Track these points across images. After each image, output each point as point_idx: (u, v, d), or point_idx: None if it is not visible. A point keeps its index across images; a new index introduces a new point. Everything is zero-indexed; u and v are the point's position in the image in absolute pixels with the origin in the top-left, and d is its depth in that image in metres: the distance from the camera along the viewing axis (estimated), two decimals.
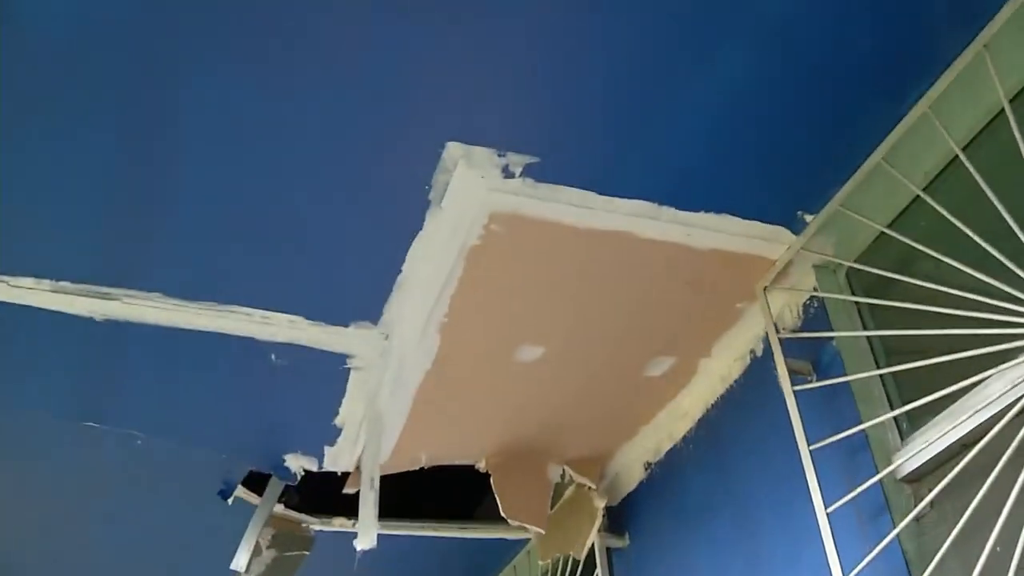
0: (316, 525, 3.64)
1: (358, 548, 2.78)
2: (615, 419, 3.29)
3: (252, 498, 3.37)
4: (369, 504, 2.81)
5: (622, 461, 3.53)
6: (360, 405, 2.96)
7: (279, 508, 3.49)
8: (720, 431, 3.04)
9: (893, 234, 2.38)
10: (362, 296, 2.62)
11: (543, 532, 3.38)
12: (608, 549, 3.48)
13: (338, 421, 3.03)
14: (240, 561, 3.21)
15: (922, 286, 2.28)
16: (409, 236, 2.45)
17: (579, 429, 3.33)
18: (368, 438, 2.93)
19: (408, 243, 2.46)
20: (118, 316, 2.60)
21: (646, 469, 3.43)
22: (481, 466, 3.38)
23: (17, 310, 2.54)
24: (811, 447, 2.42)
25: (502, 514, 3.30)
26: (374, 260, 2.51)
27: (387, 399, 2.93)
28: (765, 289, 2.73)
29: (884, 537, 2.21)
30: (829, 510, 2.33)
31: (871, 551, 2.21)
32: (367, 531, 2.78)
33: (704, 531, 3.03)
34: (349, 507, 3.66)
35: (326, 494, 3.69)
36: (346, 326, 2.70)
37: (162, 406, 2.94)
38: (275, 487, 3.27)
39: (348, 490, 3.24)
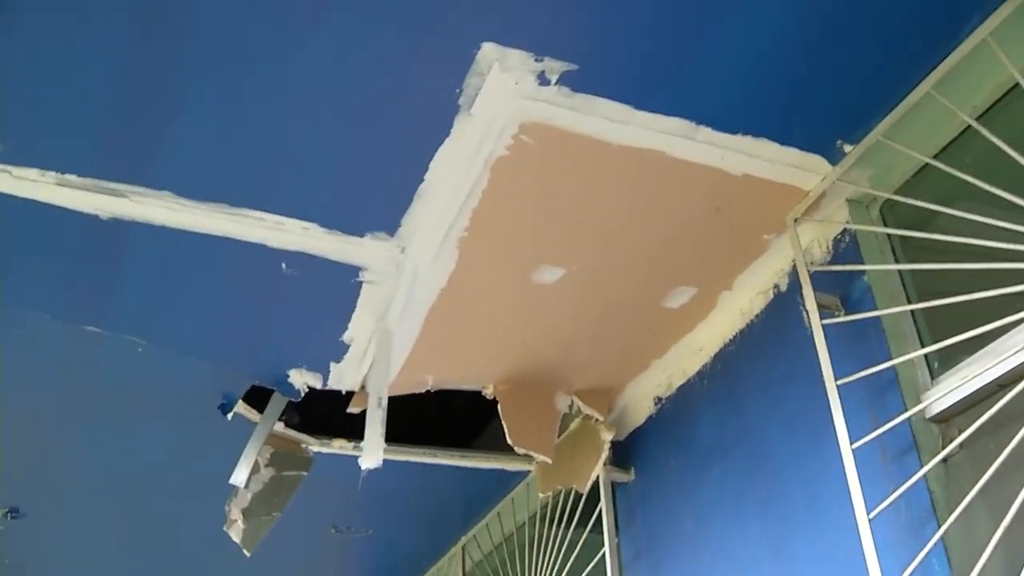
0: (315, 446, 3.57)
1: (363, 467, 2.71)
2: (628, 350, 3.22)
3: (252, 415, 3.29)
4: (376, 422, 2.73)
5: (631, 395, 3.46)
6: (370, 321, 2.87)
7: (279, 427, 3.42)
8: (736, 367, 2.97)
9: (939, 165, 2.30)
10: (381, 205, 2.52)
11: (549, 461, 3.32)
12: (613, 483, 3.43)
13: (346, 337, 2.94)
14: (239, 476, 3.14)
15: (963, 218, 2.20)
16: (435, 143, 2.34)
17: (590, 359, 3.26)
18: (376, 356, 2.84)
19: (433, 150, 2.35)
20: (124, 215, 2.48)
21: (656, 404, 3.36)
22: (488, 392, 3.31)
23: (19, 203, 2.42)
24: (838, 382, 2.35)
25: (508, 441, 3.24)
26: (396, 167, 2.41)
27: (398, 316, 2.84)
28: (796, 221, 2.64)
29: (909, 477, 2.15)
30: (854, 446, 2.26)
31: (895, 491, 2.15)
32: (373, 450, 2.70)
33: (715, 468, 2.97)
34: (349, 430, 3.61)
35: (326, 417, 3.63)
36: (361, 236, 2.60)
37: (165, 313, 2.83)
38: (277, 403, 3.19)
39: (353, 409, 3.16)
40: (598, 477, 3.40)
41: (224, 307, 2.84)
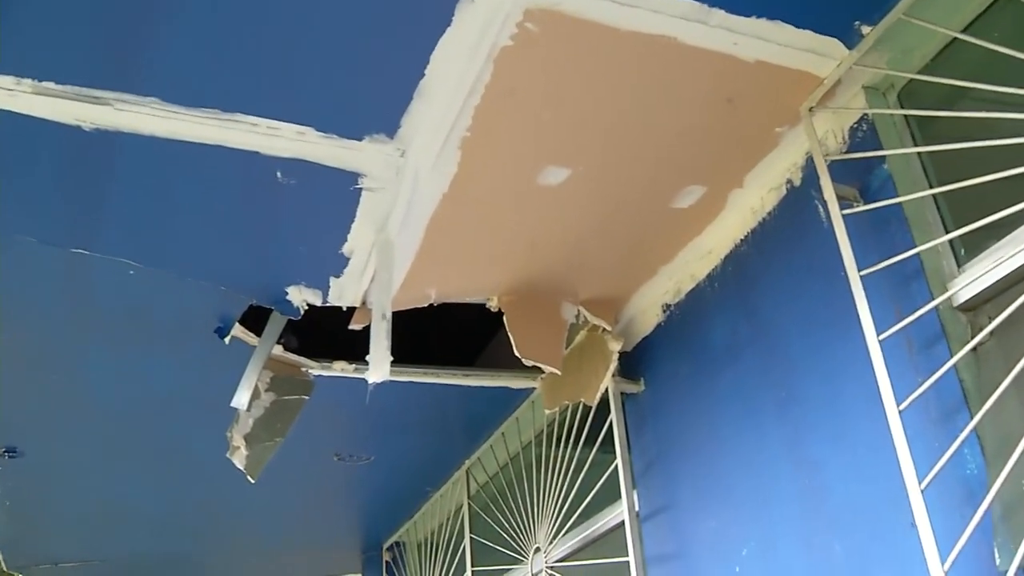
0: (316, 369, 3.48)
1: (370, 380, 2.63)
2: (635, 256, 3.13)
3: (250, 338, 3.20)
4: (381, 335, 2.64)
5: (638, 303, 3.39)
6: (370, 232, 2.76)
7: (278, 350, 3.33)
8: (748, 268, 2.89)
9: (968, 38, 2.19)
10: (379, 105, 2.39)
11: (558, 372, 3.24)
12: (622, 394, 3.37)
13: (345, 249, 2.83)
14: (241, 398, 3.06)
15: (988, 96, 2.11)
16: (435, 34, 2.21)
17: (596, 267, 3.17)
18: (378, 267, 2.74)
19: (433, 42, 2.22)
20: (109, 125, 2.35)
21: (664, 311, 3.29)
22: (492, 304, 3.22)
23: None
24: (861, 273, 2.27)
25: (516, 353, 3.16)
26: (395, 62, 2.28)
27: (399, 225, 2.73)
28: (811, 110, 2.54)
29: (937, 369, 2.08)
30: (881, 337, 2.19)
31: (923, 383, 2.08)
32: (380, 363, 2.62)
33: (729, 373, 2.90)
34: (349, 353, 3.53)
35: (325, 340, 3.54)
36: (360, 139, 2.48)
37: (156, 231, 2.71)
38: (276, 322, 3.09)
39: (354, 325, 3.07)
40: (607, 389, 3.34)
41: (218, 223, 2.72)
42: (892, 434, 2.09)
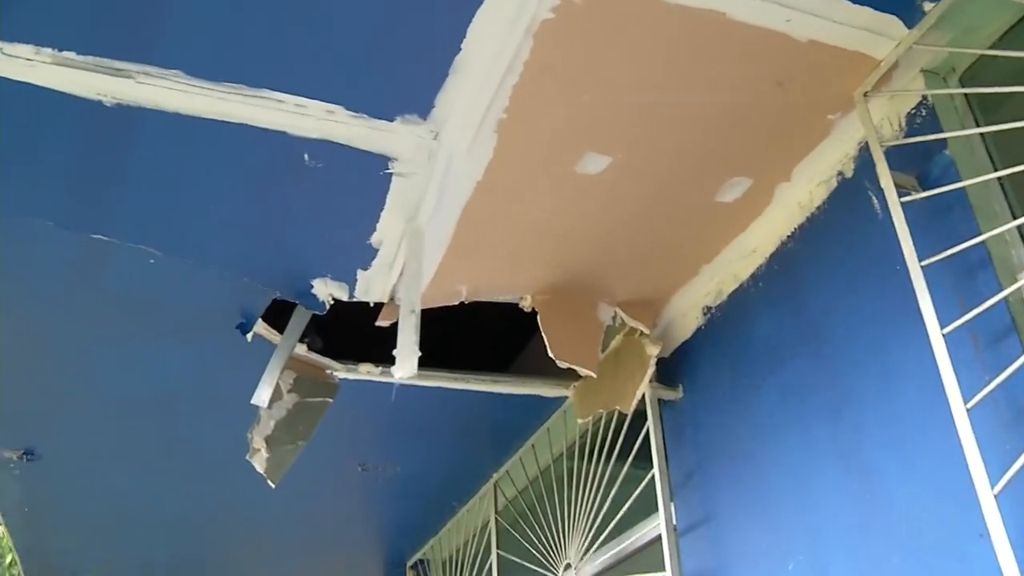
0: (341, 372, 3.36)
1: (396, 376, 2.50)
2: (676, 254, 2.99)
3: (273, 336, 3.08)
4: (409, 329, 2.51)
5: (677, 306, 3.24)
6: (400, 220, 2.64)
7: (301, 350, 3.21)
8: (796, 265, 2.74)
9: None
10: (412, 82, 2.28)
11: (594, 375, 3.10)
12: (660, 401, 3.21)
13: (374, 240, 2.72)
14: (262, 395, 2.93)
15: None
16: (472, 5, 2.10)
17: (635, 265, 3.03)
18: (408, 258, 2.62)
19: (471, 14, 2.12)
20: (131, 99, 2.25)
21: (704, 314, 3.14)
22: (526, 304, 3.09)
23: (12, 89, 2.19)
24: (922, 263, 2.12)
25: (550, 354, 3.02)
26: (430, 35, 2.17)
27: (430, 214, 2.61)
28: (866, 95, 2.40)
29: (1007, 365, 1.92)
30: (945, 331, 2.04)
31: (992, 380, 1.93)
32: (406, 359, 2.48)
33: (775, 377, 2.75)
34: (376, 356, 3.41)
35: (351, 344, 3.43)
36: (391, 120, 2.37)
37: (178, 216, 2.61)
38: (300, 317, 2.97)
39: (381, 322, 2.95)
40: (643, 396, 3.19)
41: (242, 208, 2.61)
42: (959, 436, 1.94)
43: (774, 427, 2.70)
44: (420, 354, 2.50)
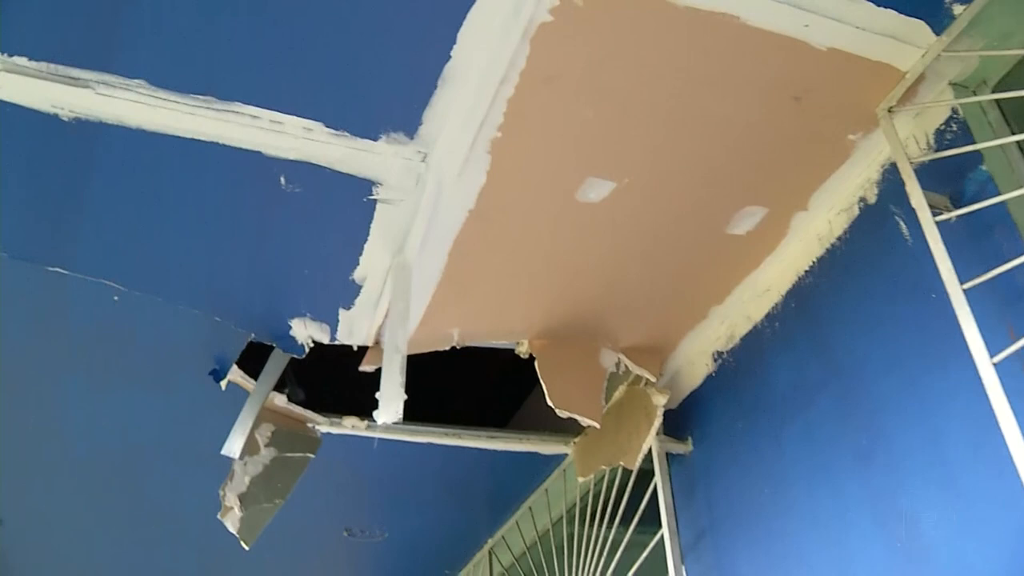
0: (324, 426, 3.12)
1: (379, 421, 2.26)
2: (683, 295, 2.77)
3: (249, 384, 2.84)
4: (395, 370, 2.28)
5: (685, 353, 3.01)
6: (385, 253, 2.43)
7: (280, 401, 2.97)
8: (816, 302, 2.53)
9: None
10: (397, 96, 2.10)
11: (597, 425, 2.86)
12: (668, 455, 2.96)
13: (357, 275, 2.50)
14: (234, 446, 2.68)
15: None
16: (463, 6, 1.92)
17: (640, 307, 2.82)
18: (394, 295, 2.39)
19: (461, 16, 1.94)
20: (90, 114, 2.06)
21: (715, 360, 2.91)
22: (523, 350, 2.86)
23: None
24: (964, 287, 1.91)
25: (549, 402, 2.79)
26: (416, 41, 1.99)
27: (418, 246, 2.40)
28: (890, 110, 2.22)
29: None
30: (995, 360, 1.81)
31: None
32: (390, 401, 2.25)
33: (796, 424, 2.51)
34: (363, 408, 3.16)
35: (335, 397, 3.19)
36: (375, 139, 2.18)
37: (143, 246, 2.39)
38: (278, 360, 2.74)
39: (365, 367, 2.71)
40: (650, 450, 2.94)
41: (212, 239, 2.40)
42: (1020, 474, 1.70)
43: (797, 478, 2.46)
44: (406, 397, 2.27)
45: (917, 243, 2.15)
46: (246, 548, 2.95)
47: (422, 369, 2.95)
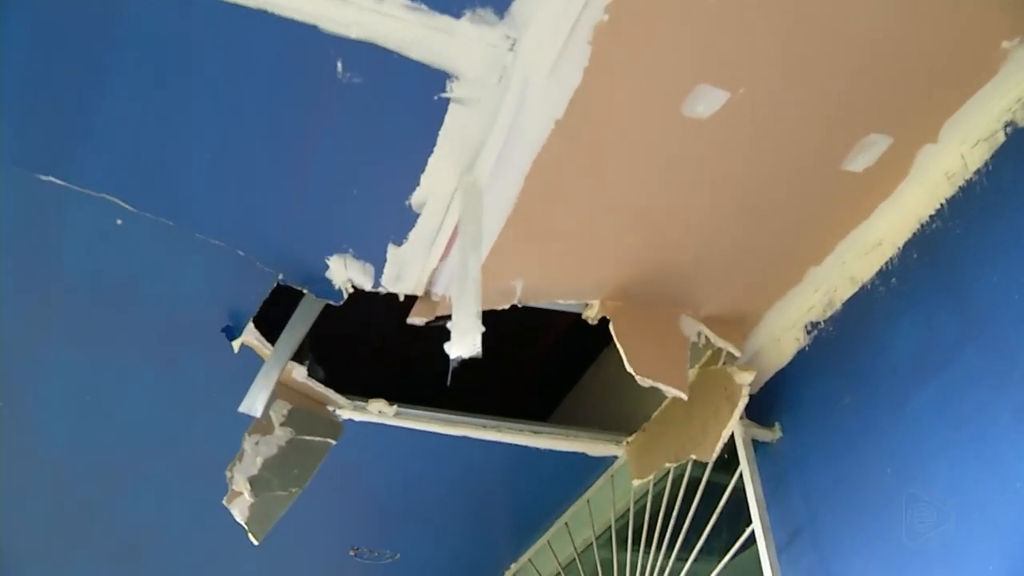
0: (346, 410, 2.67)
1: (451, 355, 1.85)
2: (779, 253, 2.41)
3: (266, 349, 2.40)
4: (468, 297, 1.87)
5: (769, 329, 2.63)
6: (453, 171, 2.03)
7: (300, 375, 2.53)
8: (947, 249, 2.18)
9: None
10: None
11: (684, 396, 2.44)
12: (754, 443, 2.56)
13: (415, 199, 2.09)
14: (255, 404, 2.24)
15: None
16: None
17: (728, 268, 2.44)
18: (464, 217, 1.98)
19: None
20: None
21: (808, 333, 2.53)
22: (592, 313, 2.45)
23: None
24: None
25: (628, 369, 2.38)
26: None
27: (492, 166, 2.01)
28: None
29: None
30: None
31: None
32: (466, 334, 1.84)
33: (928, 387, 2.13)
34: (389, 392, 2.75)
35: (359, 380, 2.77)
36: (457, 17, 1.78)
37: (159, 154, 1.97)
38: (309, 308, 2.30)
39: (413, 319, 2.30)
40: (730, 440, 2.53)
41: (244, 146, 1.98)
42: None
43: (933, 452, 2.06)
44: (484, 330, 1.85)
45: None
46: (255, 542, 2.49)
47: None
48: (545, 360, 3.47)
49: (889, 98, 2.06)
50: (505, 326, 3.14)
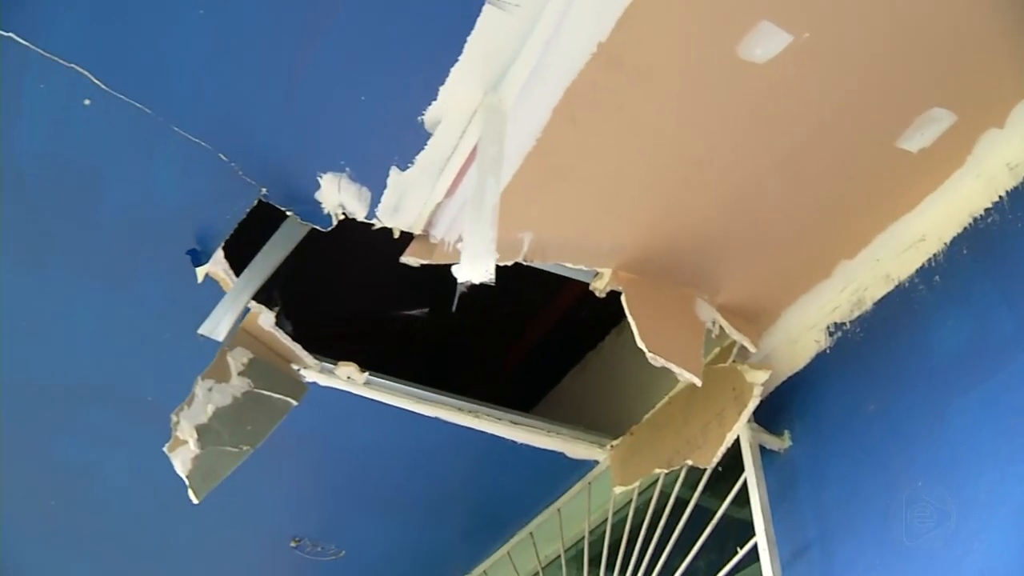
0: (312, 372, 2.39)
1: (460, 279, 1.61)
2: (812, 239, 2.20)
3: (231, 284, 2.12)
4: (484, 217, 1.63)
5: (785, 330, 2.41)
6: (477, 86, 1.79)
7: (266, 322, 2.25)
8: (1004, 245, 2.00)
9: None
10: None
11: (698, 381, 2.20)
12: (761, 449, 2.32)
13: (429, 116, 1.84)
14: (217, 326, 1.96)
15: None
16: None
17: (753, 251, 2.23)
18: (484, 137, 1.74)
19: None
20: None
21: (830, 335, 2.31)
22: (601, 283, 2.21)
23: None
24: None
25: (640, 344, 2.13)
26: None
27: (520, 87, 1.77)
28: None
29: None
30: None
31: None
32: (478, 257, 1.59)
33: (975, 392, 1.93)
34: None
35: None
36: None
37: (136, 21, 1.70)
38: (291, 231, 2.03)
39: (408, 259, 2.04)
40: (735, 442, 2.29)
41: (238, 23, 1.71)
42: None
43: (981, 464, 1.85)
44: (498, 256, 1.61)
45: None
46: (195, 500, 2.19)
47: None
48: (527, 358, 3.22)
49: (960, 70, 1.88)
50: (492, 316, 2.92)
